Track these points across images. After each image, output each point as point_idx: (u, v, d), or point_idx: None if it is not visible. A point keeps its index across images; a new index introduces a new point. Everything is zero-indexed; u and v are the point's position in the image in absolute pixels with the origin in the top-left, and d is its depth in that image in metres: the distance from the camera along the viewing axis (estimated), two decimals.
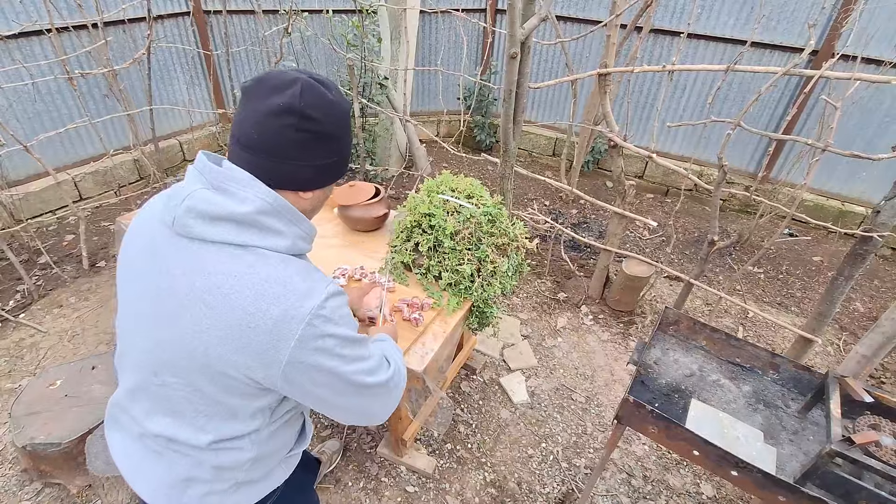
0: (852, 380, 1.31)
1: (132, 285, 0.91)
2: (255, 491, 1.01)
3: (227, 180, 0.82)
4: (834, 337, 2.99)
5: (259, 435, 0.94)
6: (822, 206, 3.89)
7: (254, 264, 0.81)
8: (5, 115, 3.04)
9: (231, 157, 0.86)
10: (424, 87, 5.04)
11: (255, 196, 0.82)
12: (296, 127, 0.81)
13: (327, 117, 0.84)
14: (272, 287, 0.80)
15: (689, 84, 4.06)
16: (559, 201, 4.26)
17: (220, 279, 0.80)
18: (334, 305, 0.85)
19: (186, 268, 0.82)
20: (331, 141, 0.87)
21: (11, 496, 1.90)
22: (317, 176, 0.89)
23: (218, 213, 0.80)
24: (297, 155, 0.84)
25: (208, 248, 0.81)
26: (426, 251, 1.78)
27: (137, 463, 0.96)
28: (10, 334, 2.59)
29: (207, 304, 0.80)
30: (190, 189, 0.82)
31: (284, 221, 0.85)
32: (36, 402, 1.88)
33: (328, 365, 0.84)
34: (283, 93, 0.80)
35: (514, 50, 2.20)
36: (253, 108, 0.81)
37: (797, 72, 1.91)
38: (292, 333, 0.80)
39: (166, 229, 0.85)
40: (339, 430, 2.20)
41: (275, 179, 0.85)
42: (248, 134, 0.82)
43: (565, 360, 2.67)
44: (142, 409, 0.93)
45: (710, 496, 2.04)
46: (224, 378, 0.83)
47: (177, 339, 0.83)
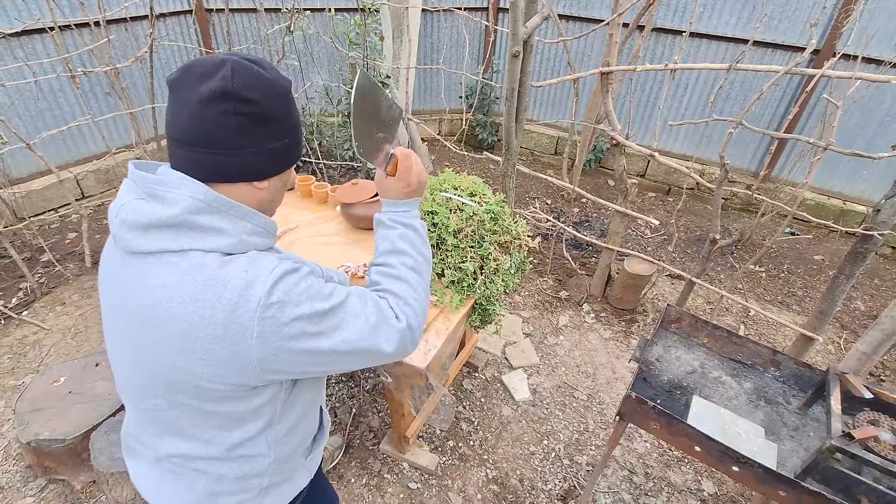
0: (853, 376, 1.31)
1: (106, 315, 0.88)
2: (282, 494, 0.99)
3: (156, 185, 0.76)
4: (834, 335, 3.00)
5: (275, 434, 0.90)
6: (823, 204, 3.89)
7: (189, 271, 0.74)
8: (8, 113, 3.05)
9: (171, 159, 0.80)
10: (426, 85, 5.04)
11: (182, 196, 0.75)
12: (233, 111, 0.74)
13: (265, 97, 0.77)
14: (210, 290, 0.73)
15: (690, 83, 4.06)
16: (561, 200, 4.27)
17: (160, 293, 0.75)
18: (287, 286, 0.76)
19: (132, 286, 0.78)
20: (274, 122, 0.80)
21: (16, 492, 1.91)
22: (268, 162, 0.82)
23: (149, 221, 0.74)
24: (241, 143, 0.77)
25: (148, 260, 0.76)
26: None
27: (156, 485, 0.94)
28: (13, 331, 2.60)
29: (153, 320, 0.76)
30: (122, 202, 0.77)
31: (227, 218, 0.78)
32: (40, 398, 1.89)
33: (308, 347, 0.78)
34: (212, 77, 0.73)
35: (517, 48, 2.21)
36: (184, 99, 0.74)
37: (799, 71, 1.92)
38: (249, 332, 0.74)
39: (116, 249, 0.82)
40: (341, 427, 2.21)
41: (222, 173, 0.78)
42: (184, 129, 0.75)
43: (567, 358, 2.68)
44: (149, 434, 0.90)
45: (711, 493, 2.04)
46: (203, 391, 0.78)
47: (142, 363, 0.80)
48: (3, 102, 3.06)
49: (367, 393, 2.39)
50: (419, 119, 4.66)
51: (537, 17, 2.17)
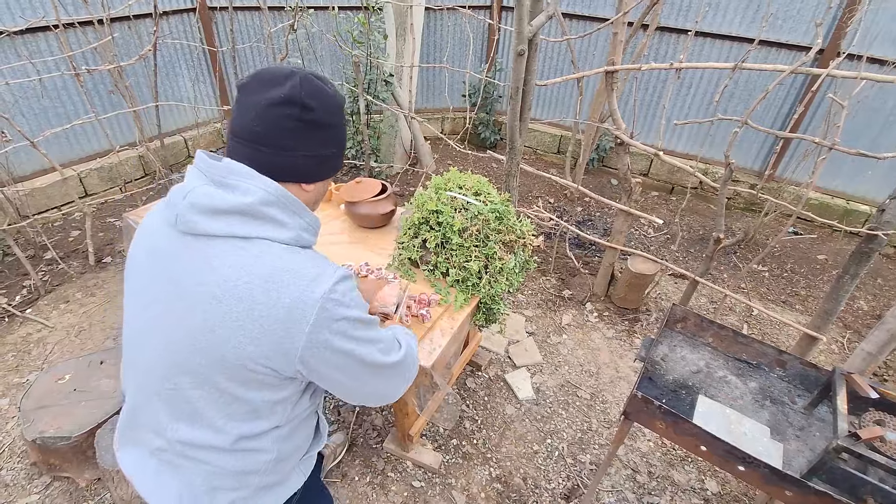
0: (858, 376, 1.31)
1: (141, 293, 0.90)
2: (276, 496, 1.00)
3: (228, 174, 0.82)
4: (838, 335, 3.00)
5: (280, 432, 0.94)
6: (827, 204, 3.88)
7: (260, 255, 0.81)
8: (11, 111, 3.05)
9: (230, 153, 0.86)
10: (429, 84, 5.04)
11: (256, 187, 0.82)
12: (297, 117, 0.83)
13: (326, 108, 0.87)
14: (281, 275, 0.80)
15: (695, 82, 4.06)
16: (564, 199, 4.26)
17: (228, 272, 0.80)
18: (344, 289, 0.86)
19: (193, 265, 0.82)
20: (330, 131, 0.90)
21: (21, 489, 1.91)
22: (318, 167, 0.91)
23: (220, 207, 0.80)
24: (298, 145, 0.86)
25: (213, 242, 0.81)
26: (434, 248, 1.78)
27: (152, 478, 0.94)
28: (17, 329, 2.61)
29: (217, 298, 0.80)
30: (191, 186, 0.82)
31: (288, 213, 0.86)
32: (45, 396, 1.89)
33: (344, 348, 0.85)
34: (282, 85, 0.82)
35: (522, 47, 2.20)
36: (253, 101, 0.82)
37: (804, 70, 1.91)
38: (306, 319, 0.80)
39: (170, 229, 0.85)
40: (344, 425, 2.21)
41: (277, 171, 0.86)
42: (250, 127, 0.83)
43: (570, 357, 2.68)
44: (158, 419, 0.91)
45: (715, 492, 2.04)
46: (242, 371, 0.82)
47: (190, 339, 0.82)
48: (7, 100, 3.07)
49: None
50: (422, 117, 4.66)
51: (542, 15, 2.16)
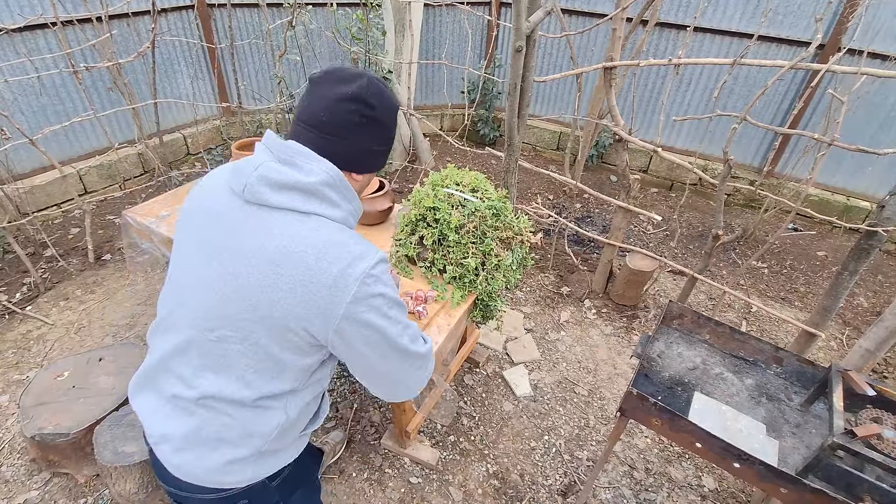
0: (855, 373, 1.31)
1: (194, 246, 0.97)
2: (270, 464, 1.05)
3: (294, 154, 0.92)
4: (837, 332, 2.99)
5: (295, 398, 1.00)
6: (827, 200, 3.87)
7: (316, 228, 0.90)
8: (11, 109, 3.05)
9: (294, 136, 0.96)
10: (428, 80, 5.02)
11: (319, 169, 0.91)
12: (360, 112, 0.93)
13: (385, 109, 0.97)
14: (332, 248, 0.89)
15: (694, 78, 4.04)
16: (563, 195, 4.26)
17: (287, 240, 0.88)
18: (383, 269, 0.94)
19: (255, 230, 0.90)
20: (384, 129, 1.00)
21: (20, 485, 1.92)
22: (369, 159, 1.01)
23: (286, 182, 0.89)
24: (356, 138, 0.95)
25: (274, 213, 0.90)
26: (431, 245, 1.78)
27: (164, 420, 0.98)
28: (17, 326, 2.62)
29: (274, 262, 0.88)
30: (260, 160, 0.91)
31: (342, 196, 0.95)
32: (44, 393, 1.90)
33: (378, 324, 0.92)
34: (351, 84, 0.92)
35: (520, 43, 2.19)
36: (322, 94, 0.92)
37: (804, 66, 1.90)
38: (349, 289, 0.88)
39: (234, 197, 0.94)
40: (343, 422, 2.22)
41: (334, 158, 0.94)
42: (317, 116, 0.93)
43: (568, 354, 2.68)
44: (189, 367, 0.96)
45: (712, 489, 2.05)
46: (283, 331, 0.90)
47: (243, 294, 0.90)
48: (6, 98, 3.06)
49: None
50: (421, 114, 4.65)
51: (540, 11, 2.15)
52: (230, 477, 0.99)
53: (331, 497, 1.95)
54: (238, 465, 0.99)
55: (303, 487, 1.26)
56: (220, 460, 0.97)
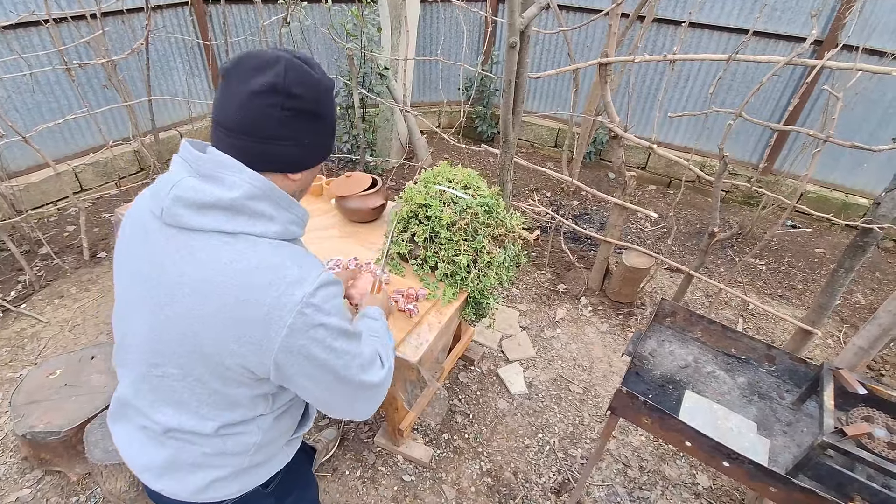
0: (847, 372, 1.30)
1: (128, 280, 0.90)
2: (259, 475, 1.03)
3: (213, 167, 0.80)
4: (835, 329, 2.98)
5: (265, 420, 0.95)
6: (825, 197, 3.85)
7: (244, 251, 0.80)
8: (5, 106, 3.03)
9: (215, 142, 0.84)
10: (426, 77, 5.00)
11: (242, 181, 0.80)
12: (281, 106, 0.79)
13: (312, 95, 0.83)
14: (263, 275, 0.79)
15: (692, 74, 4.02)
16: (561, 192, 4.24)
17: (211, 268, 0.79)
18: (326, 295, 0.83)
19: (177, 258, 0.81)
20: (317, 119, 0.86)
21: (13, 483, 1.92)
22: (305, 156, 0.88)
23: (206, 201, 0.78)
24: (283, 135, 0.82)
25: (198, 236, 0.80)
26: (422, 242, 1.78)
27: (140, 449, 0.96)
28: (11, 324, 2.61)
29: (199, 293, 0.79)
30: (176, 178, 0.80)
31: (275, 206, 0.84)
32: (36, 391, 1.90)
33: (320, 357, 0.83)
34: (265, 72, 0.78)
35: (514, 39, 2.18)
36: (235, 89, 0.79)
37: (799, 61, 1.88)
38: (283, 322, 0.78)
39: (156, 220, 0.84)
40: (336, 420, 2.22)
41: (262, 162, 0.83)
42: (232, 116, 0.80)
43: (564, 352, 2.67)
44: (146, 402, 0.92)
45: (706, 487, 2.04)
46: (219, 367, 0.82)
47: (172, 330, 0.82)
48: (0, 95, 3.05)
49: None
50: (418, 111, 4.63)
51: (535, 7, 2.13)
52: (217, 493, 0.97)
53: (324, 495, 1.94)
54: (222, 483, 0.97)
55: (298, 488, 1.23)
56: (202, 482, 0.94)
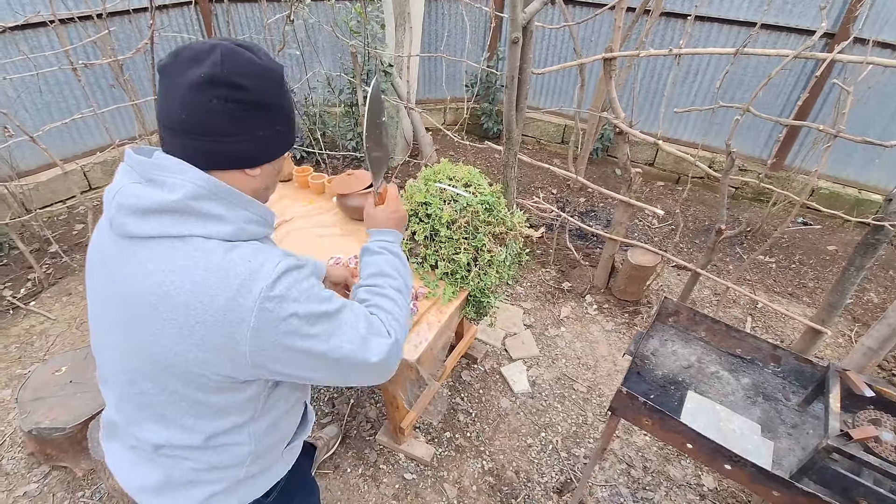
0: (853, 373, 1.27)
1: (94, 298, 0.88)
2: (258, 486, 1.00)
3: (154, 169, 0.76)
4: (846, 328, 2.93)
5: (257, 426, 0.91)
6: (838, 193, 3.77)
7: (192, 255, 0.75)
8: (14, 106, 3.07)
9: (163, 145, 0.80)
10: (431, 74, 4.98)
11: (184, 181, 0.75)
12: (224, 98, 0.73)
13: (257, 84, 0.76)
14: (212, 276, 0.74)
15: (701, 69, 3.95)
16: (567, 189, 4.20)
17: (160, 277, 0.74)
18: (289, 282, 0.77)
19: (129, 270, 0.77)
20: (267, 109, 0.79)
21: (21, 478, 1.95)
22: (261, 150, 0.82)
23: (148, 206, 0.74)
24: (233, 130, 0.77)
25: (146, 244, 0.76)
26: (422, 240, 1.76)
27: (131, 469, 0.94)
28: (20, 321, 2.65)
29: (152, 305, 0.75)
30: (118, 186, 0.77)
31: (225, 205, 0.78)
32: (42, 387, 1.92)
33: (302, 346, 0.78)
34: (201, 63, 0.72)
35: (516, 35, 2.15)
36: (174, 85, 0.74)
37: (808, 55, 1.84)
38: (245, 322, 0.74)
39: (110, 233, 0.81)
40: (338, 417, 2.22)
41: (214, 160, 0.78)
42: (175, 115, 0.74)
43: (568, 350, 2.65)
44: (131, 421, 0.90)
45: (711, 488, 2.01)
46: (194, 377, 0.79)
47: (137, 345, 0.79)
48: (9, 95, 3.09)
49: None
50: (423, 108, 4.62)
51: (537, 2, 2.11)
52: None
53: (325, 492, 1.95)
54: (220, 497, 0.94)
55: (300, 495, 1.21)
56: (199, 497, 0.92)
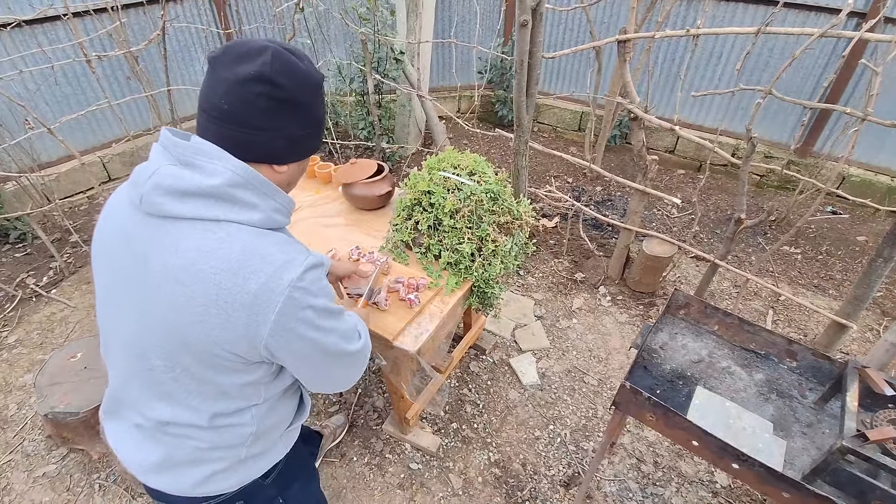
0: (873, 370, 1.20)
1: (109, 273, 0.90)
2: (258, 466, 1.03)
3: (194, 154, 0.80)
4: (874, 322, 2.79)
5: (259, 409, 0.95)
6: (870, 181, 3.59)
7: (227, 239, 0.79)
8: (35, 100, 3.14)
9: (200, 130, 0.84)
10: (444, 61, 4.91)
11: (224, 168, 0.79)
12: (267, 95, 0.79)
13: (299, 86, 0.82)
14: (249, 260, 0.79)
15: (725, 51, 3.78)
16: (583, 178, 4.11)
17: (193, 255, 0.78)
18: (313, 277, 0.84)
19: (158, 247, 0.80)
20: (303, 111, 0.85)
21: (41, 459, 2.02)
22: (291, 148, 0.87)
23: (186, 188, 0.78)
24: (269, 125, 0.82)
25: (179, 224, 0.79)
26: (426, 230, 1.74)
27: (134, 449, 0.96)
28: (42, 309, 2.74)
29: (181, 282, 0.78)
30: (155, 166, 0.80)
31: (258, 194, 0.83)
32: (58, 373, 1.97)
33: (309, 336, 0.85)
34: (253, 61, 0.78)
35: (525, 17, 2.09)
36: (222, 77, 0.79)
37: (834, 33, 1.73)
38: (273, 306, 0.79)
39: (135, 211, 0.84)
40: (346, 406, 2.23)
41: (247, 152, 0.83)
42: (218, 104, 0.79)
43: (579, 342, 2.60)
44: (136, 397, 0.92)
45: (724, 485, 1.96)
46: (208, 356, 0.82)
47: (157, 320, 0.82)
48: (29, 88, 3.16)
49: (373, 374, 2.39)
50: (437, 96, 4.56)
51: None
52: (216, 486, 0.98)
53: (331, 480, 1.96)
54: (221, 476, 0.97)
55: (299, 479, 1.23)
56: (200, 476, 0.95)
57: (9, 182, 3.05)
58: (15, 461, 2.02)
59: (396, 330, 1.50)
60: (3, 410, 2.21)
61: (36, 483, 1.95)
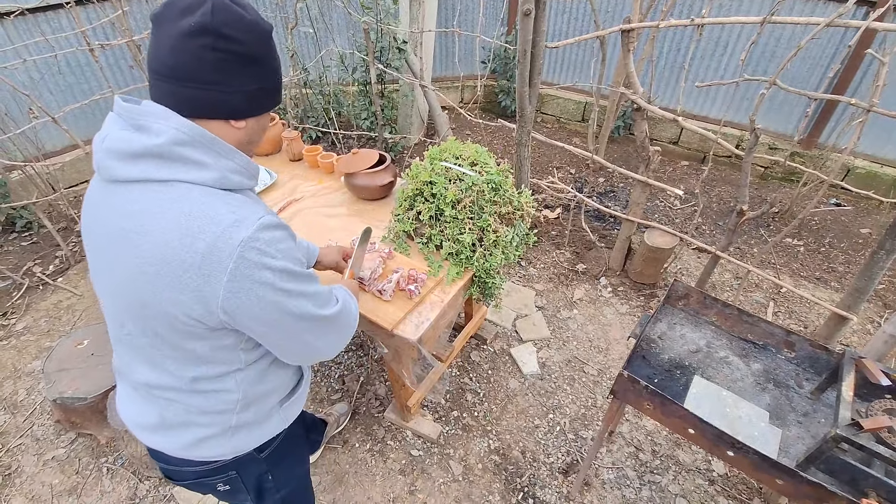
0: (870, 361, 1.21)
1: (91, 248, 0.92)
2: (252, 437, 1.04)
3: (141, 115, 0.79)
4: (875, 314, 2.80)
5: (244, 374, 0.95)
6: (875, 173, 3.57)
7: (177, 199, 0.78)
8: (38, 88, 3.15)
9: (152, 92, 0.83)
10: (448, 51, 4.88)
11: (167, 127, 0.78)
12: (212, 47, 0.77)
13: (245, 37, 0.80)
14: (196, 220, 0.77)
15: (730, 41, 3.75)
16: (586, 169, 4.10)
17: (144, 218, 0.78)
18: (270, 238, 0.81)
19: (115, 212, 0.81)
20: (253, 64, 0.83)
21: (49, 443, 2.07)
22: (245, 103, 0.85)
23: (134, 150, 0.78)
24: (218, 79, 0.80)
25: (132, 188, 0.80)
26: (427, 220, 1.75)
27: (135, 409, 1.00)
28: (49, 297, 2.77)
29: (134, 244, 0.79)
30: (106, 132, 0.81)
31: (208, 152, 0.82)
32: (65, 359, 2.01)
33: (270, 299, 0.82)
34: (194, 13, 0.76)
35: (528, 6, 2.08)
36: (165, 32, 0.77)
37: (841, 23, 1.71)
38: (223, 267, 0.77)
39: (98, 181, 0.86)
40: (348, 394, 2.26)
41: (199, 108, 0.82)
42: (164, 61, 0.78)
43: (579, 333, 2.62)
44: (126, 362, 0.97)
45: (721, 473, 1.98)
46: (169, 319, 0.82)
47: (122, 287, 0.83)
48: (33, 77, 3.17)
49: (375, 362, 2.42)
50: (440, 86, 4.54)
51: None
52: (208, 451, 1.00)
53: (334, 466, 2.00)
54: (213, 441, 0.99)
55: (289, 459, 1.25)
56: (192, 438, 0.97)
57: (14, 171, 3.07)
58: (25, 445, 2.06)
59: (396, 319, 1.52)
60: (13, 396, 2.25)
61: (46, 466, 1.99)
